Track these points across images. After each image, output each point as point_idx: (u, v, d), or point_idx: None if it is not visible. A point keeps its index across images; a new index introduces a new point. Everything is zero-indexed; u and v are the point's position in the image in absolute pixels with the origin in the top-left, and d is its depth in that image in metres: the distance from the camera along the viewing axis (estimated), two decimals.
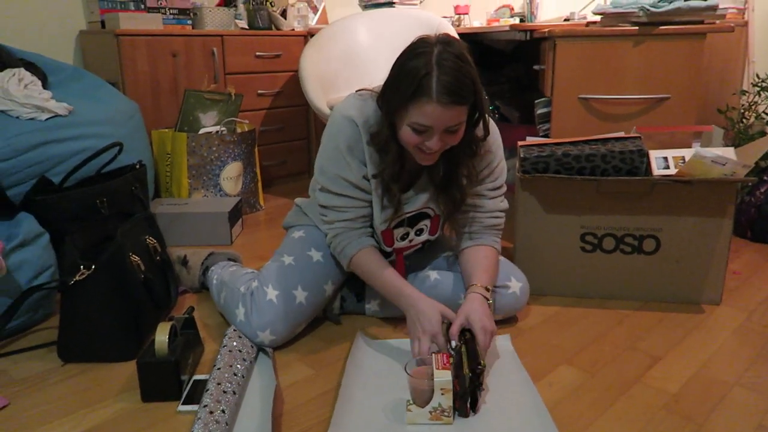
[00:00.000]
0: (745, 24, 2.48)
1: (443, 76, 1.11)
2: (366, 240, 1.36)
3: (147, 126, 2.29)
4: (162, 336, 1.20)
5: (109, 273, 1.30)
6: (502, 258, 1.46)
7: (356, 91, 1.33)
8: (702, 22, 1.81)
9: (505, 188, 1.44)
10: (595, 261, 1.59)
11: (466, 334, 1.20)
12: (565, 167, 1.55)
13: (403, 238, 1.43)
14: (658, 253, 1.56)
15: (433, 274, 1.49)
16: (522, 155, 1.58)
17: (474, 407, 1.11)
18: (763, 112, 2.21)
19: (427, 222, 1.43)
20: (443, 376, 1.07)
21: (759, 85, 2.22)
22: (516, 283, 1.45)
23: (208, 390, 1.12)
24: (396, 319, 1.48)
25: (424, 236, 1.45)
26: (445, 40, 1.16)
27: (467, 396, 1.08)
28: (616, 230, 1.56)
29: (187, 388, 1.20)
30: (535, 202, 1.59)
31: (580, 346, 1.37)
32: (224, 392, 1.11)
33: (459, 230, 1.44)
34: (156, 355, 1.18)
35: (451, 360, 1.11)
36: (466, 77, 1.13)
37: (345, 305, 1.53)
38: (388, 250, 1.43)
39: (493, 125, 1.37)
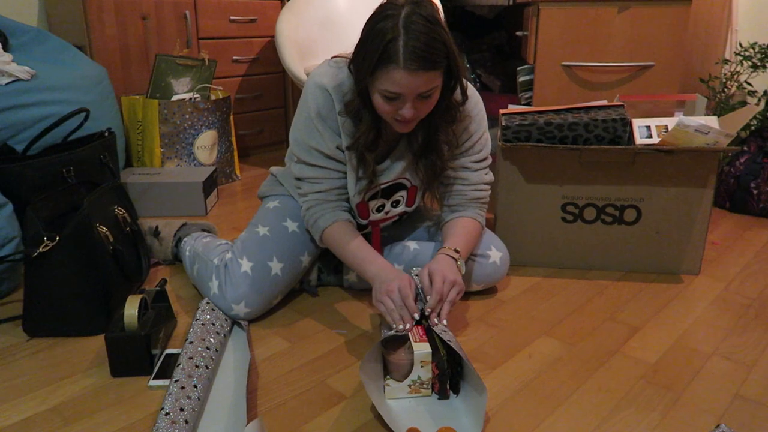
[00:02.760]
0: None
1: (411, 41, 1.04)
2: (340, 213, 1.30)
3: (116, 92, 2.20)
4: (131, 309, 1.15)
5: (75, 244, 1.25)
6: None
7: (331, 57, 1.27)
8: None
9: (490, 160, 1.40)
10: (575, 231, 1.58)
11: (423, 322, 1.14)
12: (547, 136, 1.52)
13: (378, 210, 1.39)
14: (638, 224, 1.55)
15: (412, 245, 1.46)
16: (503, 124, 1.55)
17: (455, 388, 1.09)
18: (745, 81, 2.19)
19: (404, 193, 1.39)
20: (422, 349, 1.05)
21: (741, 54, 2.20)
22: (496, 253, 1.43)
23: (179, 364, 1.08)
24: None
25: (401, 208, 1.42)
26: (414, 0, 1.08)
27: (446, 377, 1.06)
28: (597, 200, 1.54)
29: (159, 363, 1.16)
30: (516, 171, 1.56)
31: (560, 317, 1.36)
32: (196, 367, 1.08)
33: (442, 203, 1.41)
34: (125, 329, 1.14)
35: (427, 331, 1.09)
36: (437, 41, 1.06)
37: (322, 277, 1.50)
38: (364, 222, 1.40)
39: (476, 95, 1.34)
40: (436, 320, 1.12)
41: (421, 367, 1.05)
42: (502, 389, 1.10)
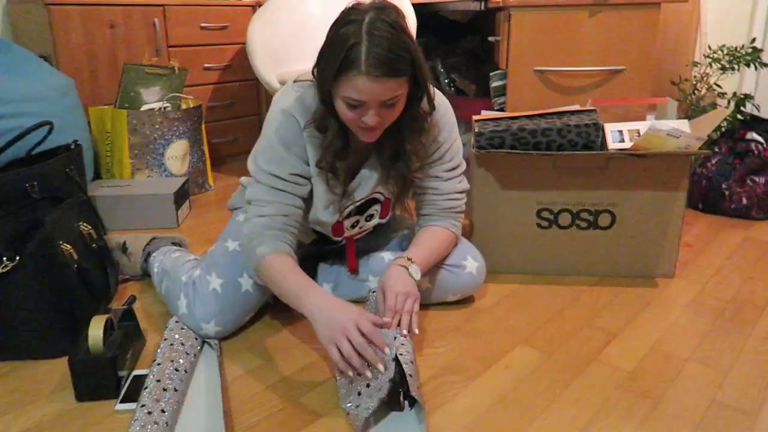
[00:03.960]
0: None
1: (374, 47, 1.02)
2: (281, 244, 1.17)
3: (84, 103, 2.15)
4: (96, 330, 1.11)
5: (37, 264, 1.20)
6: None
7: (293, 81, 1.23)
8: None
9: (463, 167, 1.38)
10: (551, 237, 1.57)
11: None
12: (520, 142, 1.51)
13: (353, 226, 1.37)
14: (613, 228, 1.54)
15: (387, 256, 1.44)
16: (477, 130, 1.54)
17: (410, 400, 1.05)
18: (715, 83, 2.22)
19: (378, 207, 1.37)
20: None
21: (710, 56, 2.22)
22: (472, 263, 1.41)
23: (146, 387, 1.05)
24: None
25: (375, 221, 1.40)
26: (379, 5, 1.06)
27: (398, 388, 1.04)
28: (572, 206, 1.54)
29: (126, 385, 1.13)
30: (490, 178, 1.55)
31: (537, 324, 1.35)
32: (164, 390, 1.04)
33: (419, 213, 1.39)
34: (90, 351, 1.11)
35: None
36: (401, 48, 1.04)
37: None
38: (338, 239, 1.37)
39: (445, 103, 1.32)
40: (405, 332, 1.11)
41: None
42: (479, 402, 1.08)
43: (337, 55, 1.04)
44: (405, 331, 1.13)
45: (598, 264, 1.58)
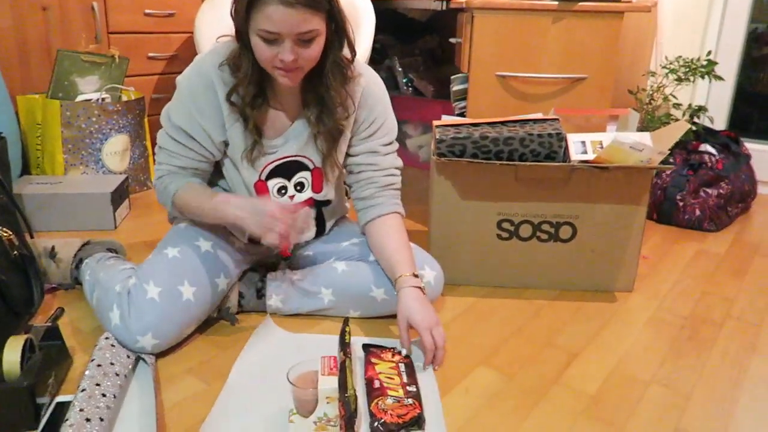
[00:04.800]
0: (655, 4, 2.49)
1: None
2: (194, 179, 1.26)
3: (12, 91, 1.97)
4: (12, 355, 0.99)
5: None
6: (414, 246, 1.35)
7: (216, 38, 1.21)
8: (620, 0, 1.76)
9: (396, 145, 1.37)
10: (511, 249, 1.52)
11: (347, 334, 1.10)
12: (482, 150, 1.45)
13: (281, 193, 1.30)
14: (573, 241, 1.51)
15: (340, 266, 1.35)
16: (438, 137, 1.47)
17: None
18: (671, 94, 2.23)
19: (307, 175, 1.31)
20: (329, 384, 0.95)
21: (667, 67, 2.23)
22: (430, 272, 1.35)
23: (68, 420, 0.93)
24: (301, 316, 1.35)
25: (307, 192, 1.32)
26: None
27: (354, 419, 0.96)
28: (533, 217, 1.49)
29: (47, 415, 1.00)
30: (450, 187, 1.48)
31: (496, 343, 1.30)
32: (87, 420, 0.93)
33: (357, 198, 1.35)
34: (5, 378, 0.98)
35: (341, 366, 1.00)
36: None
37: (243, 302, 1.37)
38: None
39: (379, 79, 1.33)
40: (436, 367, 1.17)
41: (327, 403, 0.95)
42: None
43: None
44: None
45: (559, 277, 1.54)
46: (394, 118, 1.36)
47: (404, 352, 1.17)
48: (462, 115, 1.88)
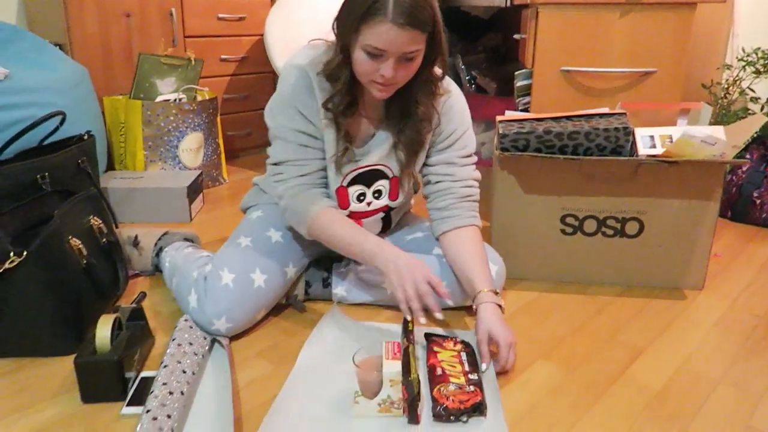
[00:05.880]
0: None
1: None
2: (329, 201, 1.27)
3: (98, 93, 2.11)
4: (103, 331, 1.08)
5: (44, 260, 1.17)
6: None
7: (309, 41, 1.24)
8: None
9: (475, 158, 1.36)
10: (575, 244, 1.51)
11: (409, 323, 1.13)
12: (546, 145, 1.45)
13: (359, 200, 1.32)
14: (640, 237, 1.48)
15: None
16: (501, 131, 1.48)
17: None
18: (748, 87, 2.13)
19: (385, 183, 1.33)
20: (392, 368, 0.99)
21: (744, 59, 2.14)
22: (492, 267, 1.35)
23: (153, 392, 1.01)
24: (365, 305, 1.39)
25: (384, 200, 1.35)
26: None
27: (416, 402, 0.99)
28: (598, 212, 1.48)
29: (133, 388, 1.09)
30: (513, 181, 1.49)
31: (558, 338, 1.29)
32: (170, 393, 1.00)
33: (433, 208, 1.35)
34: (96, 352, 1.07)
35: (404, 351, 1.03)
36: (426, 2, 1.07)
37: (310, 291, 1.42)
38: (345, 213, 1.34)
39: (460, 92, 1.32)
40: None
41: (390, 386, 0.99)
42: None
43: (363, 2, 1.05)
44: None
45: (624, 273, 1.52)
46: (472, 131, 1.35)
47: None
48: (525, 110, 1.87)
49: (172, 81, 2.23)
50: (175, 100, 2.19)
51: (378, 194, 1.34)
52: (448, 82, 1.29)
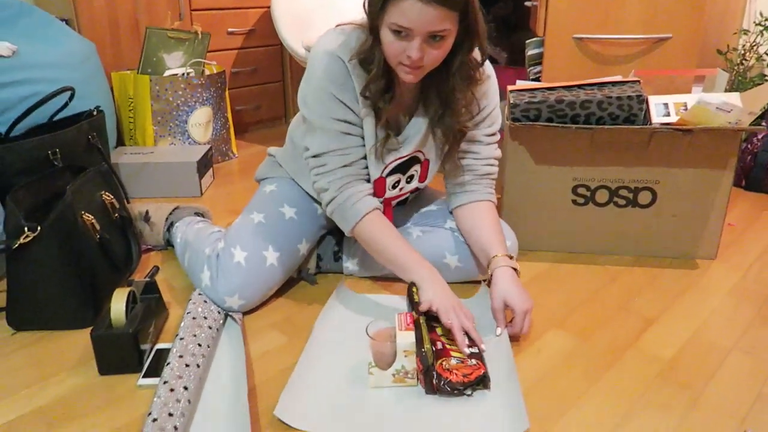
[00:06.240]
0: None
1: None
2: (373, 200, 1.21)
3: (106, 68, 2.11)
4: (118, 304, 1.09)
5: (58, 235, 1.18)
6: None
7: (336, 26, 1.18)
8: None
9: (499, 136, 1.34)
10: (587, 214, 1.50)
11: (414, 294, 1.13)
12: (558, 114, 1.43)
13: (394, 186, 1.31)
14: (653, 207, 1.47)
15: (415, 231, 1.39)
16: (512, 101, 1.46)
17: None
18: (765, 53, 2.09)
19: (418, 168, 1.31)
20: (406, 338, 1.00)
21: (762, 24, 2.09)
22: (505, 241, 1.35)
23: (169, 363, 1.02)
24: (376, 278, 1.40)
25: (414, 183, 1.34)
26: None
27: (432, 372, 1.00)
28: (610, 182, 1.46)
29: (149, 360, 1.11)
30: (524, 152, 1.47)
31: (570, 307, 1.30)
32: (186, 365, 1.02)
33: (452, 182, 1.33)
34: (112, 325, 1.09)
35: (415, 323, 1.04)
36: None
37: (321, 264, 1.43)
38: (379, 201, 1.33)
39: (491, 67, 1.26)
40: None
41: (405, 356, 1.00)
42: None
43: None
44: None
45: (636, 243, 1.51)
46: (499, 109, 1.32)
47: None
48: (537, 80, 1.85)
49: (179, 55, 2.22)
50: (183, 74, 2.18)
51: (410, 179, 1.32)
52: (489, 67, 1.24)
